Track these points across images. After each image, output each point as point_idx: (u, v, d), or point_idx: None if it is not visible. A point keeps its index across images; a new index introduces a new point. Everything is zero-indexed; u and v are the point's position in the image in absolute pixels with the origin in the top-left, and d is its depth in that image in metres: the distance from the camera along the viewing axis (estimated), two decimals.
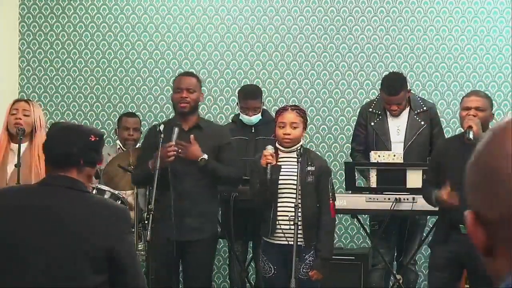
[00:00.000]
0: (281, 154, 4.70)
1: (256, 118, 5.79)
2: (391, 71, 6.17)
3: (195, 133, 4.91)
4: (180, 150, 4.73)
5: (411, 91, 5.85)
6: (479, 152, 1.31)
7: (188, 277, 4.97)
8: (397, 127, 5.73)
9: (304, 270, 4.61)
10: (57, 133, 2.97)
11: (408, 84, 5.77)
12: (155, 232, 4.80)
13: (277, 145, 4.74)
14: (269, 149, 4.63)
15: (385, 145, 5.69)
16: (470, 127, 4.60)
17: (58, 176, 2.89)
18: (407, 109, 5.73)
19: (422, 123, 5.70)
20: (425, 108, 5.75)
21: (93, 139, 2.93)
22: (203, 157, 4.82)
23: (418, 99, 5.86)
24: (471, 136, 4.59)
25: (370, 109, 5.80)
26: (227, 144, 5.06)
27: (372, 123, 5.75)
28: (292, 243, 4.48)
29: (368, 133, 5.78)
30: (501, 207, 1.25)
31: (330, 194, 4.70)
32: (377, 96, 5.90)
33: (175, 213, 4.65)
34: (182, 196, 4.76)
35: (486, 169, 1.29)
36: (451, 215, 4.65)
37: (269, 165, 4.55)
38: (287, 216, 4.57)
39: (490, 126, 4.75)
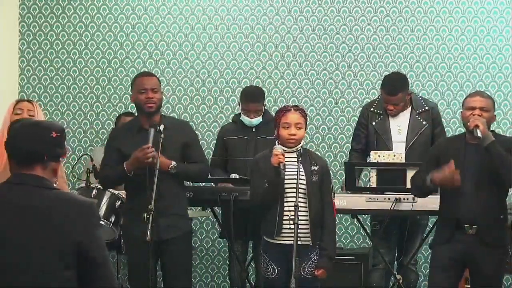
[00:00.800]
0: None
1: (257, 120, 5.78)
2: (394, 71, 6.19)
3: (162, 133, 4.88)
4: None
5: (412, 92, 5.84)
6: None
7: (167, 276, 4.93)
8: (398, 127, 5.73)
9: (309, 269, 4.61)
10: (18, 131, 2.95)
11: (409, 86, 5.77)
12: (131, 233, 4.81)
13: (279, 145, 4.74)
14: (278, 148, 4.61)
15: (386, 145, 5.68)
16: (476, 126, 4.58)
17: (24, 175, 2.90)
18: (409, 109, 5.73)
19: (424, 122, 5.70)
20: (426, 108, 5.75)
21: (54, 136, 2.92)
22: (172, 165, 4.83)
23: (420, 99, 5.86)
24: (479, 134, 4.56)
25: (372, 109, 5.80)
26: (193, 140, 5.07)
27: (374, 123, 5.75)
28: (300, 242, 4.47)
29: (369, 133, 5.78)
30: None
31: (332, 193, 4.71)
32: (379, 96, 5.91)
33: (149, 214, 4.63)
34: (155, 196, 4.75)
35: None
36: (458, 215, 4.65)
37: (281, 164, 4.54)
38: (292, 215, 4.56)
39: (491, 127, 4.75)
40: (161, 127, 4.77)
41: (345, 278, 5.49)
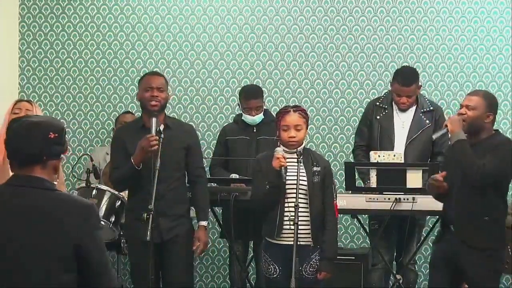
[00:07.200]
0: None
1: (259, 117, 5.79)
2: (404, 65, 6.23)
3: (164, 133, 4.84)
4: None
5: (419, 91, 5.87)
6: None
7: (168, 275, 4.93)
8: (403, 122, 5.76)
9: (310, 269, 4.61)
10: (16, 132, 2.91)
11: (420, 80, 5.82)
12: (132, 234, 4.82)
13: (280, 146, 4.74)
14: (279, 151, 4.61)
15: (390, 139, 5.70)
16: (445, 126, 4.65)
17: (23, 176, 2.88)
18: (414, 107, 5.77)
19: (427, 121, 5.73)
20: (431, 108, 5.78)
21: (52, 136, 2.88)
22: (205, 226, 5.06)
23: (426, 99, 5.91)
24: (438, 134, 4.74)
25: (378, 103, 5.84)
26: (196, 144, 5.08)
27: (378, 117, 5.78)
28: (301, 243, 4.49)
29: (372, 127, 5.80)
30: None
31: (334, 194, 4.71)
32: (385, 93, 5.94)
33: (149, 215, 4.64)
34: (156, 198, 4.70)
35: None
36: (444, 215, 4.70)
37: (282, 167, 4.54)
38: (292, 216, 4.56)
39: (487, 127, 4.68)
40: (161, 127, 4.77)
41: (345, 278, 5.48)
